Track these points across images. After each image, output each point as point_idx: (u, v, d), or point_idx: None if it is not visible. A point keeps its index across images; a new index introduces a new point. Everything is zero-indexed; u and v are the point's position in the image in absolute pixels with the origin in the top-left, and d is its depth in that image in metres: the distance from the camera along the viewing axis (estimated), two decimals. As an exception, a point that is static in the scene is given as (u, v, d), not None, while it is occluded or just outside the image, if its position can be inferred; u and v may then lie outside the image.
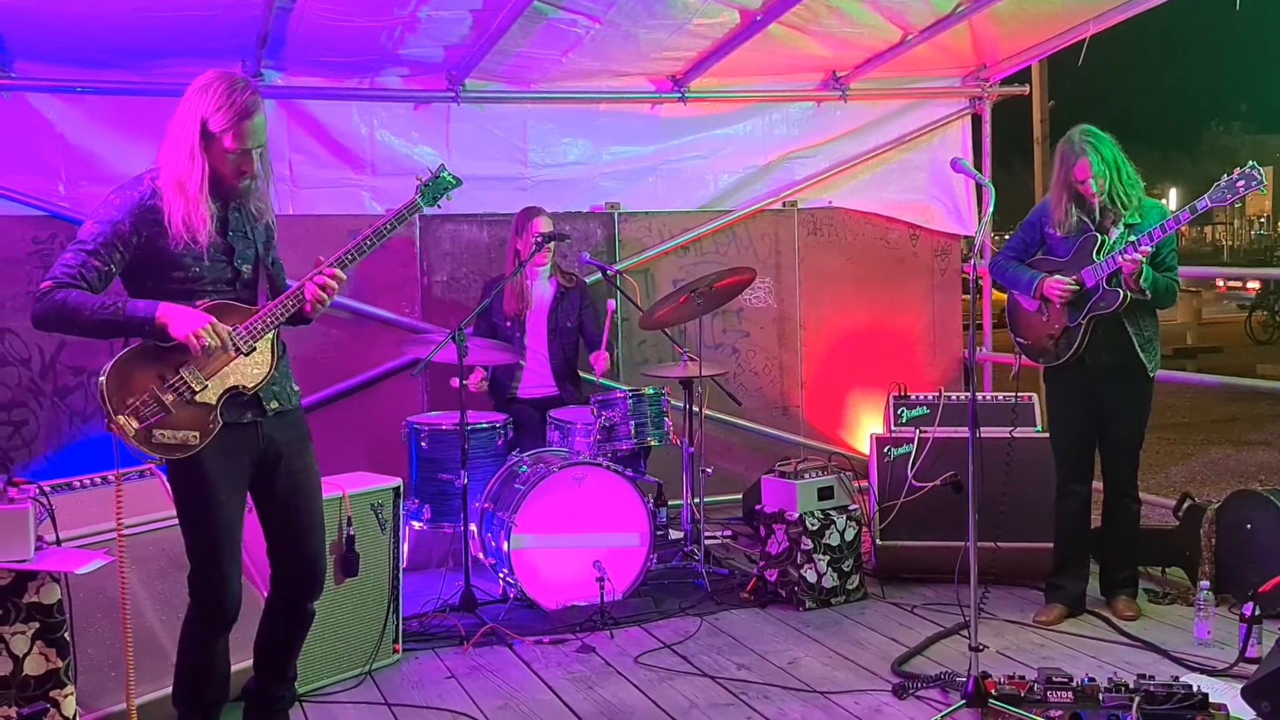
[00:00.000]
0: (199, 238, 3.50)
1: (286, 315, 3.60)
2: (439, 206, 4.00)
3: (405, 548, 5.46)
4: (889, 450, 5.92)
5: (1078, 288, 4.98)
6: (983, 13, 6.35)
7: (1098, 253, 4.97)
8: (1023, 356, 5.38)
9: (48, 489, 3.74)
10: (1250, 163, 4.68)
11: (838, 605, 5.49)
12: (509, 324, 6.34)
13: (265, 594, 3.98)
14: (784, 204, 7.65)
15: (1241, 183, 4.66)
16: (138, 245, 3.50)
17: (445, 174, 3.92)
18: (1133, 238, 4.88)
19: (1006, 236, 5.68)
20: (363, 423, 6.61)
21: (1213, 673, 4.47)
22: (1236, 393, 13.86)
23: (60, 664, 3.47)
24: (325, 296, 3.63)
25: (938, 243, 7.99)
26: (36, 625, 3.43)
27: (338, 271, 3.64)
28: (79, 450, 6.17)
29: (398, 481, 4.94)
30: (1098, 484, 5.35)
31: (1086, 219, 5.04)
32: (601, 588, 5.22)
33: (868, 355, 7.73)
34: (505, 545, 5.31)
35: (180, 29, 5.63)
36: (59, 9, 5.38)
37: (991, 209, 4.20)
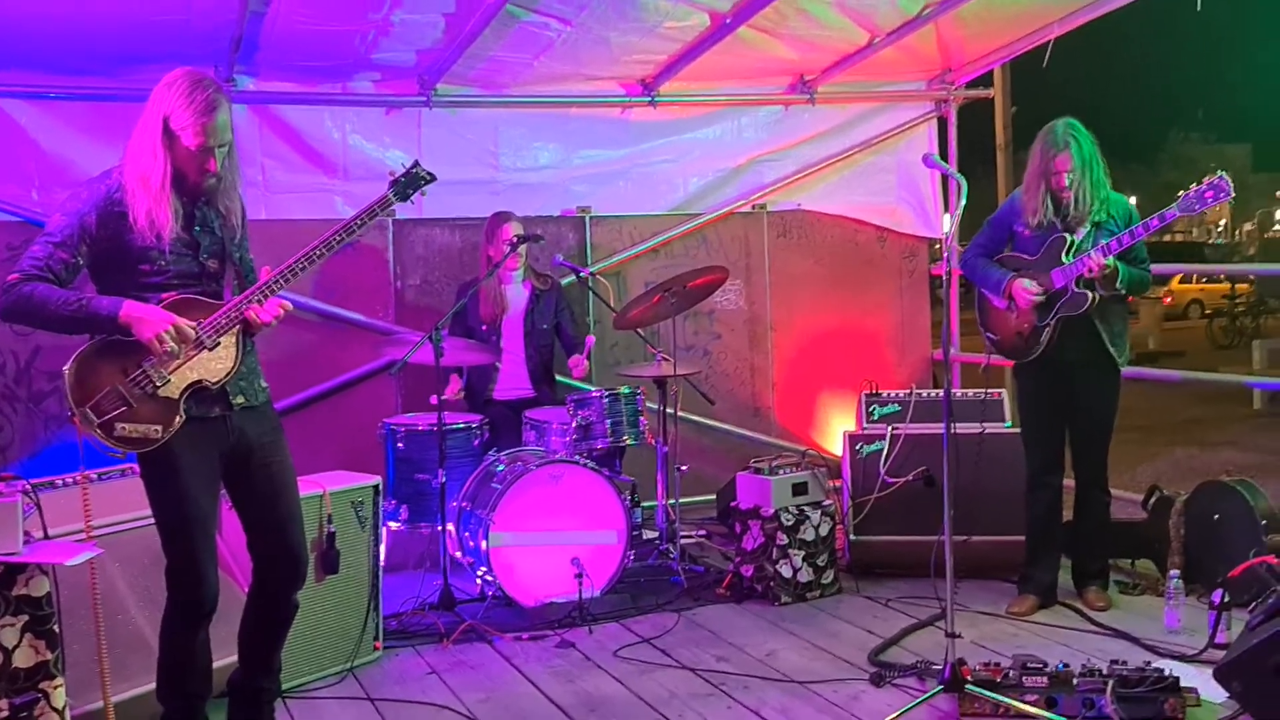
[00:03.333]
0: (162, 233, 3.53)
1: (239, 319, 3.61)
2: (411, 203, 4.01)
3: (382, 548, 5.48)
4: (861, 447, 5.99)
5: (1044, 296, 5.07)
6: (949, 15, 6.44)
7: (1067, 253, 5.04)
8: (993, 351, 5.44)
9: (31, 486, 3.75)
10: (1219, 172, 4.73)
11: (813, 599, 5.55)
12: (485, 328, 6.37)
13: (246, 590, 4.00)
14: (753, 207, 7.74)
15: (1210, 193, 4.69)
16: (103, 239, 3.53)
17: (419, 170, 3.94)
18: (1104, 240, 4.95)
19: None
20: (337, 426, 6.62)
21: (1184, 659, 4.54)
22: (1201, 395, 14.12)
23: (50, 656, 3.48)
24: (267, 318, 3.64)
25: (905, 245, 8.10)
26: (26, 618, 3.43)
27: (284, 303, 3.66)
28: (54, 455, 6.14)
29: (377, 480, 4.97)
30: (1068, 481, 5.43)
31: (1055, 217, 5.10)
32: (580, 584, 5.26)
33: (837, 356, 7.82)
34: (483, 544, 5.34)
35: (153, 34, 5.64)
36: (32, 14, 5.37)
37: (964, 201, 4.27)
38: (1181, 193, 4.79)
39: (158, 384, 3.52)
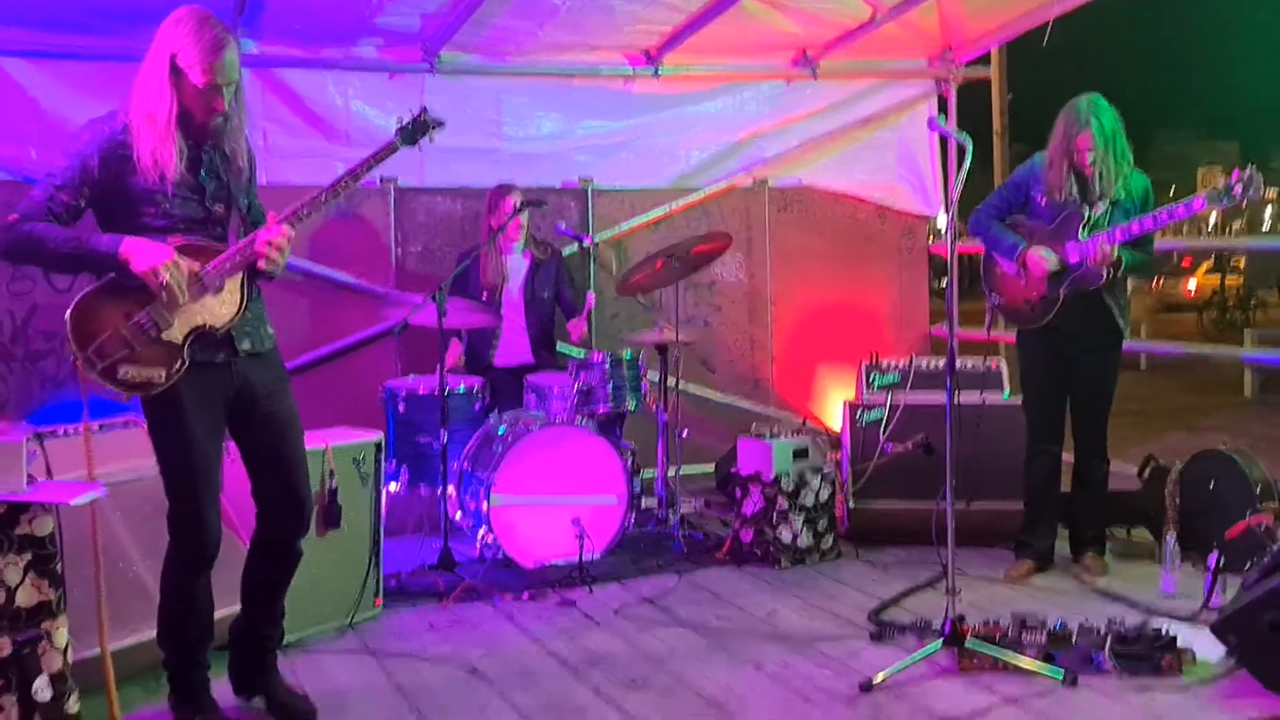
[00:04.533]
0: (167, 173, 3.50)
1: (246, 261, 3.58)
2: (419, 148, 3.98)
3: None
4: (861, 414, 6.01)
5: (1060, 266, 5.09)
6: (951, -10, 6.47)
7: (1084, 228, 5.06)
8: (996, 312, 5.46)
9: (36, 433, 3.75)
10: (1251, 164, 4.68)
11: (813, 564, 5.58)
12: (485, 296, 6.37)
13: (246, 542, 3.99)
14: (754, 181, 7.76)
15: (1239, 187, 4.65)
16: (107, 181, 3.50)
17: (427, 116, 3.92)
18: (1120, 219, 4.97)
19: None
20: (337, 391, 6.58)
21: (1179, 620, 4.56)
22: (1192, 384, 14.23)
23: (52, 596, 3.46)
24: (275, 255, 3.57)
25: (905, 222, 8.15)
26: (29, 557, 3.41)
27: (285, 228, 3.58)
28: (50, 415, 6.10)
29: (379, 436, 4.97)
30: (1066, 455, 5.46)
31: (1076, 193, 5.10)
32: (580, 544, 5.26)
33: (836, 331, 7.85)
34: (484, 505, 5.35)
35: (157, -7, 5.63)
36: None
37: (969, 163, 4.28)
38: (1216, 182, 4.77)
39: (161, 327, 3.49)
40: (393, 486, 5.75)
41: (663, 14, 6.58)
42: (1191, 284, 27.71)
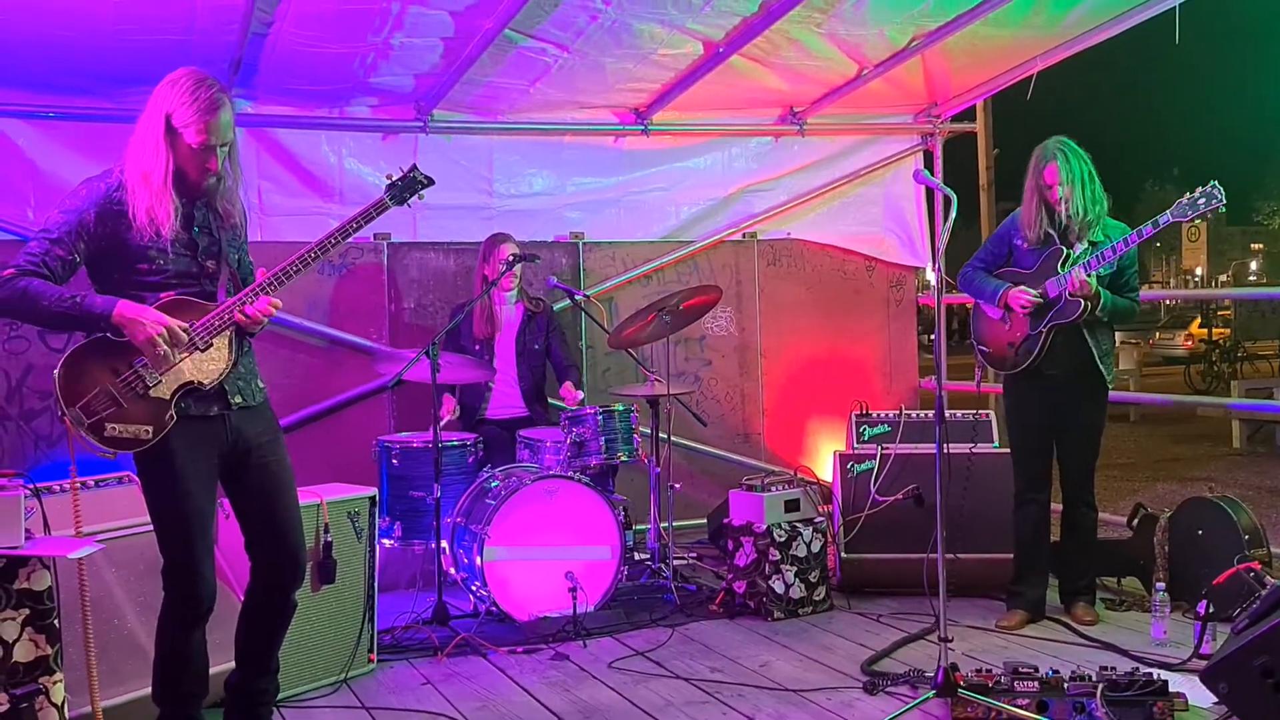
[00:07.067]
0: (162, 230, 3.56)
1: (233, 321, 3.65)
2: (408, 206, 4.03)
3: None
4: (852, 466, 6.05)
5: (1042, 299, 5.16)
6: (935, 47, 6.56)
7: (1063, 265, 5.15)
8: (984, 365, 5.55)
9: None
10: (1212, 182, 4.86)
11: (805, 615, 5.59)
12: (478, 347, 6.43)
13: (240, 597, 4.01)
14: (744, 235, 7.84)
15: (1202, 200, 4.83)
16: (102, 237, 3.56)
17: (417, 173, 3.98)
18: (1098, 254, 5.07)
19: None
20: (330, 447, 6.61)
21: (1170, 668, 4.59)
22: (1181, 436, 14.31)
23: (50, 651, 3.48)
24: (262, 319, 3.68)
25: (893, 274, 8.21)
26: (27, 612, 3.44)
27: (269, 301, 3.68)
28: (44, 474, 6.06)
29: (373, 491, 5.00)
30: (1055, 506, 5.50)
31: (1053, 231, 5.21)
32: (574, 597, 5.28)
33: (826, 383, 7.89)
34: (478, 559, 5.36)
35: (153, 55, 5.67)
36: (31, 34, 5.43)
37: (955, 215, 4.35)
38: (1177, 201, 4.96)
39: (149, 384, 3.53)
40: (387, 543, 5.76)
41: (653, 71, 6.68)
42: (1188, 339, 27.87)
